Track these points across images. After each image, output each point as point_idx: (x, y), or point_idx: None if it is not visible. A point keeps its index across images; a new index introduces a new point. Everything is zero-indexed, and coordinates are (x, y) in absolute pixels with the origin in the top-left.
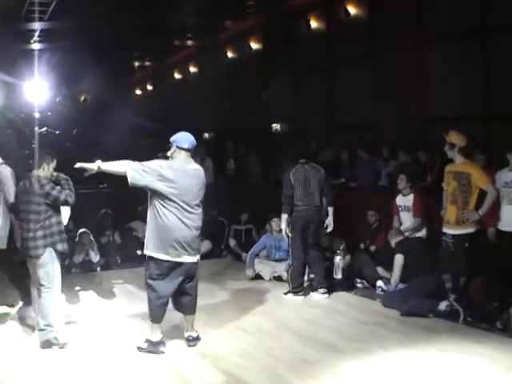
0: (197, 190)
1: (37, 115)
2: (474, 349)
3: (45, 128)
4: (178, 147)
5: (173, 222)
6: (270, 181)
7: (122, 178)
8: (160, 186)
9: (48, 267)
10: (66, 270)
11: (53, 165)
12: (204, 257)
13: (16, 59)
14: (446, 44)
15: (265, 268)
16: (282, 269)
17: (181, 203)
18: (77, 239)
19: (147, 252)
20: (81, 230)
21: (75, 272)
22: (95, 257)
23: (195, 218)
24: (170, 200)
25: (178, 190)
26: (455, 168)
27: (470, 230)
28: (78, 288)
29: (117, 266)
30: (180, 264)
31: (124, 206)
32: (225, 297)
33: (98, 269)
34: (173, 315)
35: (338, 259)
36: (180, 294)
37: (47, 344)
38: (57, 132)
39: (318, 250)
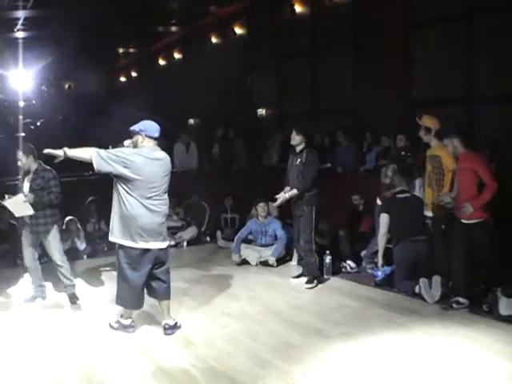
0: (162, 177)
1: (21, 103)
2: (460, 332)
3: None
4: (147, 136)
5: (138, 210)
6: (255, 165)
7: None
8: (126, 173)
9: None
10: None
11: None
12: (190, 243)
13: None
14: (431, 28)
15: (251, 253)
16: (268, 254)
17: (146, 190)
18: (64, 227)
19: (113, 238)
20: (68, 218)
21: None
22: (81, 245)
23: (161, 205)
24: (135, 187)
25: (144, 177)
26: (431, 152)
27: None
28: None
29: (103, 254)
30: (148, 251)
31: (110, 193)
32: (210, 282)
33: (85, 257)
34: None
35: (328, 259)
36: (151, 279)
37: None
38: (38, 123)
39: None
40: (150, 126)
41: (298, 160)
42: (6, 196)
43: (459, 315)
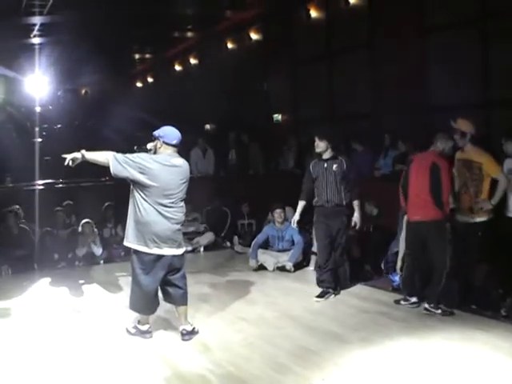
0: (179, 184)
1: (38, 109)
2: (478, 337)
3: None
4: (165, 143)
5: (152, 216)
6: (272, 171)
7: None
8: (141, 179)
9: None
10: (69, 264)
11: None
12: (207, 248)
13: (16, 54)
14: (446, 32)
15: (268, 259)
16: (285, 259)
17: (161, 197)
18: (80, 229)
19: (127, 243)
20: (84, 221)
21: (78, 265)
22: (97, 250)
23: (176, 212)
24: (151, 193)
25: (160, 184)
26: (465, 156)
27: (483, 218)
28: (81, 281)
29: (120, 259)
30: (161, 257)
31: (126, 199)
32: (227, 288)
33: (101, 262)
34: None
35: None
36: (167, 285)
37: None
38: (57, 126)
39: None
40: (169, 133)
41: (334, 166)
42: None
43: (477, 320)
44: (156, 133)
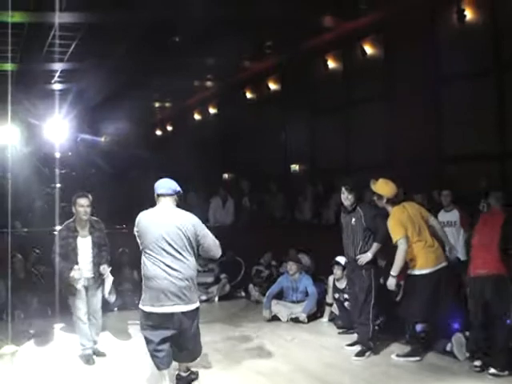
0: (177, 237)
1: (57, 155)
2: None
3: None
4: (157, 195)
5: (153, 272)
6: (289, 220)
7: None
8: (138, 240)
9: None
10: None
11: None
12: (221, 298)
13: (37, 99)
14: (461, 83)
15: (282, 309)
16: (299, 310)
17: (159, 252)
18: None
19: (140, 306)
20: None
21: None
22: (111, 297)
23: (180, 267)
24: (149, 249)
25: (150, 236)
26: None
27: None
28: None
29: (134, 307)
30: (168, 315)
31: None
32: (241, 338)
33: (115, 309)
34: None
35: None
36: (176, 346)
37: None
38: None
39: None
40: (158, 184)
41: (353, 220)
42: None
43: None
44: None
